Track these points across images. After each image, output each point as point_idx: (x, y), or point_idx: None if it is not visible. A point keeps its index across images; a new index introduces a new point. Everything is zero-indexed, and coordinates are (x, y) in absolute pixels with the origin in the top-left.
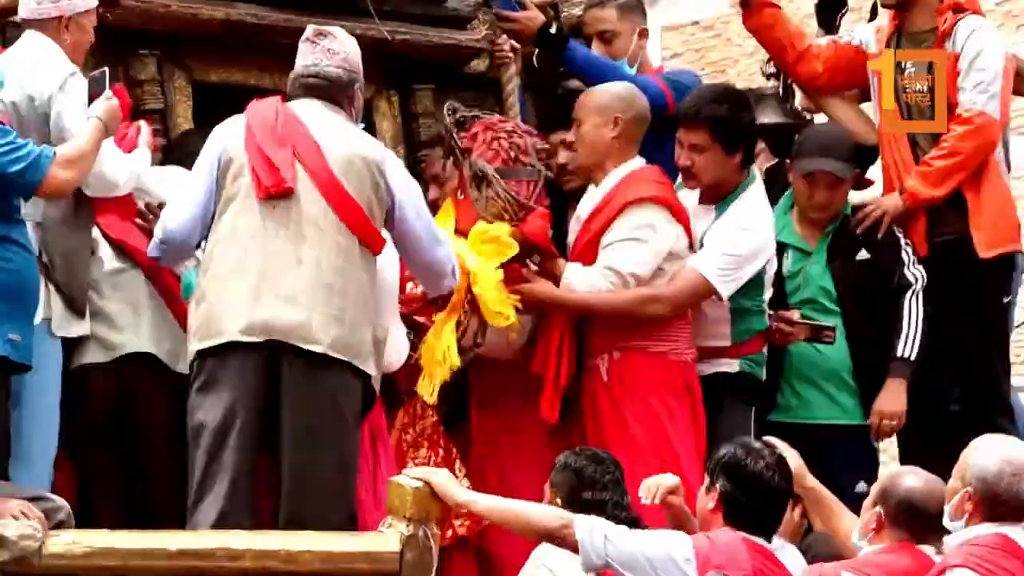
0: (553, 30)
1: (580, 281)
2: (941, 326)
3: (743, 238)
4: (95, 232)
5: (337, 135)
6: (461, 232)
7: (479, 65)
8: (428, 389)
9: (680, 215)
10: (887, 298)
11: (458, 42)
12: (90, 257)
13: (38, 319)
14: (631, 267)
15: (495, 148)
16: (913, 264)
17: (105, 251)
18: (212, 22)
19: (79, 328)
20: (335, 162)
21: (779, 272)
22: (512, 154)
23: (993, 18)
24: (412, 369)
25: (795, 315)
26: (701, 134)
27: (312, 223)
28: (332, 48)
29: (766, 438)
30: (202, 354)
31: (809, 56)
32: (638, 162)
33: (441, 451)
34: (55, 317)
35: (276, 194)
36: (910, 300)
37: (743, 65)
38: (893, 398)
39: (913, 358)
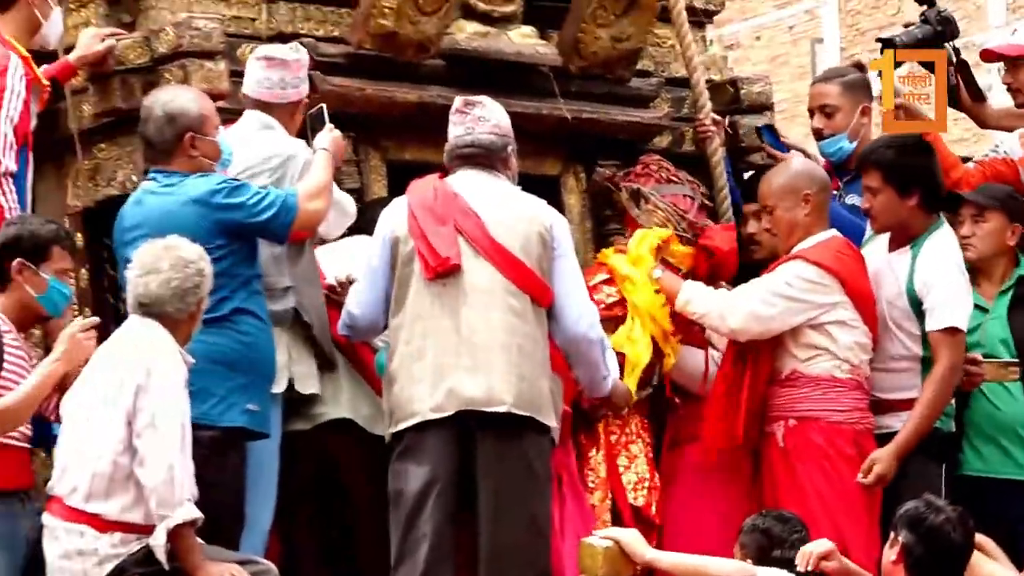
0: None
1: (704, 297)
2: None
3: (942, 270)
4: None
5: (498, 200)
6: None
7: (661, 141)
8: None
9: (850, 284)
10: None
11: (641, 120)
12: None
13: (276, 389)
14: (769, 301)
15: (646, 173)
16: None
17: None
18: (406, 104)
19: (316, 385)
20: (497, 228)
21: None
22: (663, 175)
23: None
24: None
25: (978, 356)
26: (874, 176)
27: (482, 291)
28: (482, 116)
29: None
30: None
31: (962, 186)
32: (829, 232)
33: (650, 449)
34: (299, 377)
35: (443, 272)
36: None
37: None
38: None
39: None
